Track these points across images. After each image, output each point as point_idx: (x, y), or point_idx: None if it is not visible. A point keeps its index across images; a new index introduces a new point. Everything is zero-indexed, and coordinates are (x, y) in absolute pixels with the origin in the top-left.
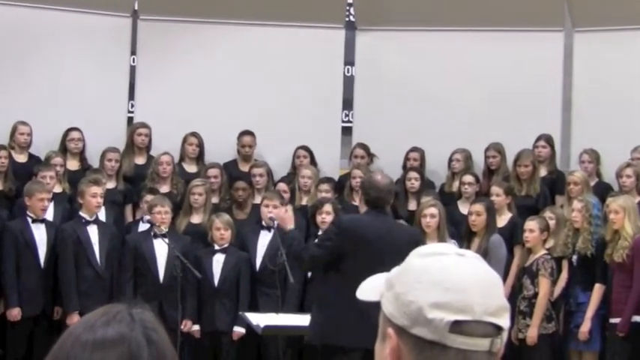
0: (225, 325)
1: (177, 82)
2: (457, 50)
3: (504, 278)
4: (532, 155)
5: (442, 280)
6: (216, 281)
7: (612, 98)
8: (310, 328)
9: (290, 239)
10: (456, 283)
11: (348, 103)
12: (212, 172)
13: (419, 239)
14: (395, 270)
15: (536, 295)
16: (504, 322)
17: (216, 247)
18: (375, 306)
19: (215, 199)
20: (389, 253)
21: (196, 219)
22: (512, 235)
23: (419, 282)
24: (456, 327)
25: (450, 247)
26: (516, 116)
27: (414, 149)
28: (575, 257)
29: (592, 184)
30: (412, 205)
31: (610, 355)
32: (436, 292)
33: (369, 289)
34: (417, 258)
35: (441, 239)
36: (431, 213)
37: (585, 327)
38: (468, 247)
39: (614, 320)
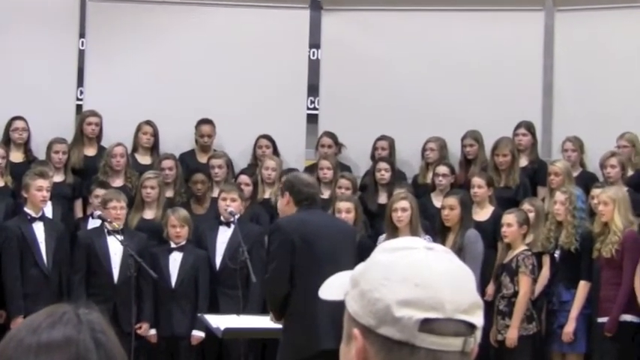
0: (184, 328)
1: (129, 68)
2: (431, 32)
3: (484, 276)
4: (511, 144)
5: (410, 275)
6: (173, 282)
7: (596, 82)
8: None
9: (252, 235)
10: (425, 279)
11: (313, 89)
12: (166, 163)
13: (354, 229)
14: (360, 266)
15: (515, 293)
16: (478, 319)
17: (173, 245)
18: (339, 305)
19: (170, 193)
20: (334, 248)
21: (149, 214)
22: (496, 229)
23: (386, 278)
24: (426, 325)
25: (419, 240)
26: (494, 102)
27: (382, 137)
28: (557, 252)
29: (575, 174)
30: (382, 199)
31: (598, 356)
32: (404, 289)
33: (333, 287)
34: (384, 253)
35: (414, 235)
36: (402, 207)
37: (569, 327)
38: (443, 243)
39: (602, 319)
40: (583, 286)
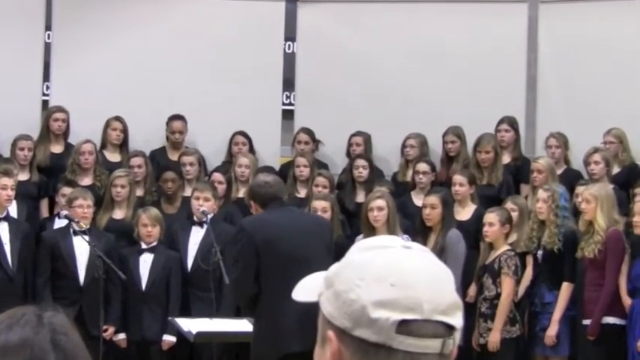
0: (154, 332)
1: (98, 62)
2: (411, 24)
3: (466, 277)
4: (494, 140)
5: (387, 275)
6: (143, 284)
7: (582, 76)
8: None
9: (225, 236)
10: (402, 279)
11: (289, 84)
12: (135, 161)
13: (329, 224)
14: (334, 266)
15: (498, 295)
16: (457, 321)
17: (144, 246)
18: (308, 307)
19: (140, 192)
20: (302, 246)
21: (119, 214)
22: (478, 229)
23: (361, 278)
24: (403, 327)
25: (395, 239)
26: (477, 97)
27: (358, 133)
28: (540, 253)
29: (559, 171)
30: (360, 197)
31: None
32: (380, 289)
33: (307, 288)
34: (359, 252)
35: (392, 234)
36: (378, 206)
37: (552, 330)
38: (424, 244)
39: (586, 322)
40: (566, 288)
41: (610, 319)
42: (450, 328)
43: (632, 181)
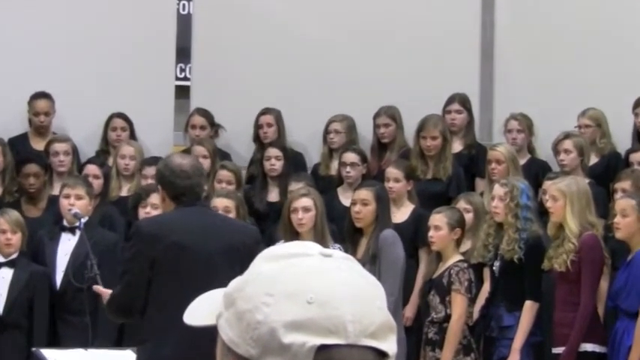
0: None
1: None
2: None
3: (406, 292)
4: (441, 123)
5: (302, 290)
6: (0, 306)
7: (549, 42)
8: None
9: (104, 244)
10: (321, 294)
11: (183, 54)
12: None
13: (258, 238)
14: (236, 281)
15: (448, 317)
16: (389, 345)
17: (1, 259)
18: (211, 332)
19: None
20: (217, 259)
21: None
22: (417, 233)
23: (269, 294)
24: (324, 354)
25: (312, 245)
26: (417, 70)
27: (266, 111)
28: (497, 264)
29: (522, 161)
30: (274, 195)
31: None
32: (294, 308)
33: (201, 309)
34: (267, 262)
35: (322, 243)
36: (303, 206)
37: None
38: (355, 251)
39: (557, 350)
40: (529, 308)
41: (588, 346)
42: (381, 355)
43: (612, 174)
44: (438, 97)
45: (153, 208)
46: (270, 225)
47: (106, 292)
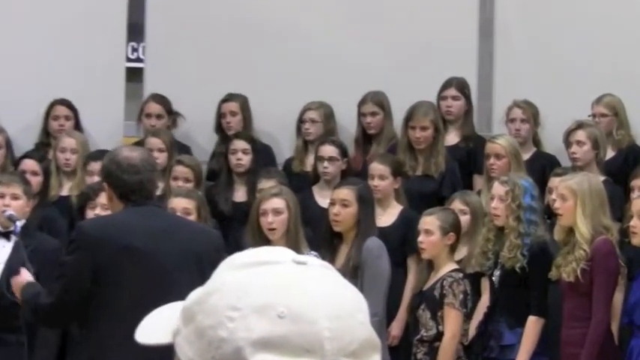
0: None
1: None
2: None
3: (393, 306)
4: (434, 112)
5: (272, 303)
6: None
7: (559, 21)
8: None
9: (43, 251)
10: (294, 308)
11: (136, 31)
12: None
13: (220, 243)
14: (196, 293)
15: (440, 335)
16: None
17: None
18: (169, 351)
19: None
20: (173, 267)
21: None
22: (405, 239)
23: (235, 308)
24: None
25: (284, 251)
26: (408, 51)
27: (230, 97)
28: (497, 273)
29: (526, 156)
30: (240, 194)
31: None
32: (263, 323)
33: (155, 326)
34: (232, 271)
35: (295, 249)
36: (274, 207)
37: None
38: (333, 259)
39: None
40: (533, 324)
41: None
42: None
43: (630, 170)
44: (430, 82)
45: (103, 209)
46: (236, 228)
47: (21, 282)
